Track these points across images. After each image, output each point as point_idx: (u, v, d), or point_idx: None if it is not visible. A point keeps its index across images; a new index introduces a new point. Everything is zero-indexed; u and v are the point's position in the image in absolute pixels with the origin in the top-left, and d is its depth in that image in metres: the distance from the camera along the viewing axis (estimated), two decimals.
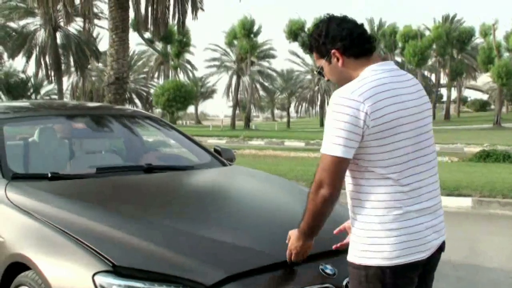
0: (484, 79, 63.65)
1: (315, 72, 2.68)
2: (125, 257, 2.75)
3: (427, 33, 55.80)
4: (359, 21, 2.47)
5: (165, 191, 3.98)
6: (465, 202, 9.35)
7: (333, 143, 2.24)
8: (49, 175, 3.69)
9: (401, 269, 2.32)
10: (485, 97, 79.01)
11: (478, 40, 57.94)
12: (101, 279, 2.64)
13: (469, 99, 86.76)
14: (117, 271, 2.65)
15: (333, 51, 2.40)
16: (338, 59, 2.41)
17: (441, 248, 2.50)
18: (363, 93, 2.25)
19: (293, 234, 2.64)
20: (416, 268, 2.38)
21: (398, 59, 58.13)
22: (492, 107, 67.81)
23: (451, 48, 57.27)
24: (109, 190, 3.78)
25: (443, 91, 73.20)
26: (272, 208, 3.74)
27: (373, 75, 2.33)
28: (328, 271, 2.94)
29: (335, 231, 2.83)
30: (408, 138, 2.33)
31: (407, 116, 2.32)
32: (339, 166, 2.26)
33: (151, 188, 3.92)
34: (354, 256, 2.39)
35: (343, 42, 2.37)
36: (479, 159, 15.21)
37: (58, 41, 41.04)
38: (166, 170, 4.29)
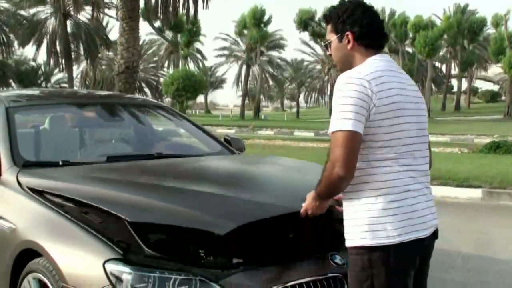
0: (495, 70, 63.34)
1: (322, 43, 2.71)
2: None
3: (438, 22, 55.43)
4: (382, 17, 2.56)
5: (176, 171, 4.02)
6: (475, 193, 9.32)
7: (343, 118, 2.27)
8: (60, 163, 3.70)
9: (405, 248, 2.35)
10: (496, 88, 78.60)
11: (489, 30, 57.61)
12: (111, 267, 2.65)
13: (479, 90, 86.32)
14: (127, 258, 2.67)
15: (348, 32, 2.47)
16: (349, 42, 2.48)
17: (435, 234, 2.54)
18: (369, 73, 2.34)
19: (309, 194, 2.64)
20: (418, 248, 2.42)
21: (409, 49, 57.89)
22: (503, 98, 67.45)
23: (462, 39, 56.90)
24: (120, 175, 3.79)
25: (454, 81, 72.85)
26: (286, 180, 3.86)
27: (375, 63, 2.43)
28: (337, 260, 2.97)
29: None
30: (411, 122, 2.42)
31: (408, 102, 2.43)
32: (352, 141, 2.27)
33: (162, 169, 3.98)
34: (355, 239, 2.40)
35: (361, 29, 2.45)
36: (489, 150, 15.15)
37: (69, 29, 41.07)
38: (176, 158, 4.30)
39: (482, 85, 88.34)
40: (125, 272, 2.62)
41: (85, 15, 40.23)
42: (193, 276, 2.65)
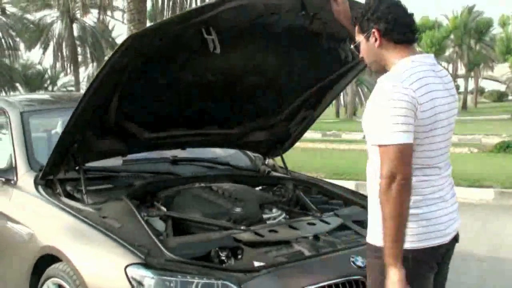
0: (502, 69, 63.00)
1: (351, 46, 2.62)
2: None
3: (444, 23, 55.26)
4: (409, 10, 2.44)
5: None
6: (487, 194, 9.26)
7: (394, 131, 2.18)
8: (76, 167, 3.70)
9: (423, 253, 2.33)
10: (502, 87, 78.18)
11: (495, 30, 57.38)
12: (133, 271, 2.65)
13: (486, 90, 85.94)
14: (149, 263, 2.66)
15: (373, 30, 2.38)
16: (376, 39, 2.38)
17: (456, 238, 2.51)
18: (413, 83, 2.24)
19: (387, 281, 2.25)
20: (437, 254, 2.40)
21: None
22: (510, 97, 67.04)
23: (469, 39, 56.67)
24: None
25: (460, 81, 72.52)
26: None
27: (417, 67, 2.31)
28: (359, 263, 2.94)
29: None
30: (444, 134, 2.36)
31: (444, 112, 2.34)
32: (405, 153, 2.20)
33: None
34: (375, 237, 2.36)
35: (385, 25, 2.35)
36: (499, 150, 15.04)
37: (75, 33, 41.11)
38: (192, 161, 4.29)
39: (488, 85, 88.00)
40: (147, 276, 2.61)
41: (91, 18, 40.26)
42: (215, 279, 2.63)
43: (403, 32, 2.37)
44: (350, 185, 9.29)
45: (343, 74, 3.87)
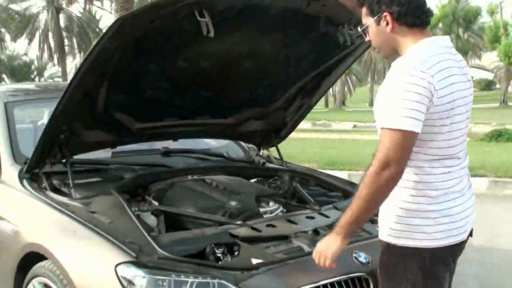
0: (489, 58, 63.13)
1: (358, 29, 2.44)
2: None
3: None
4: None
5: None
6: (481, 183, 9.15)
7: (403, 115, 2.02)
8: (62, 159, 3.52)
9: (441, 252, 2.20)
10: (490, 76, 78.47)
11: (484, 19, 57.41)
12: (123, 270, 2.49)
13: (474, 78, 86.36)
14: (140, 261, 2.50)
15: (385, 13, 2.19)
16: (387, 24, 2.21)
17: (470, 233, 2.39)
18: (431, 67, 2.08)
19: (323, 240, 2.31)
20: (454, 252, 2.29)
21: None
22: (498, 86, 67.21)
23: (457, 27, 56.67)
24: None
25: None
26: None
27: (434, 49, 2.17)
28: (361, 259, 2.81)
29: None
30: (461, 121, 2.21)
31: (462, 98, 2.20)
32: (408, 141, 2.05)
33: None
34: (388, 235, 2.25)
35: (398, 8, 2.17)
36: (491, 139, 14.98)
37: (62, 23, 40.72)
38: (184, 153, 4.13)
39: (476, 74, 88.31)
40: (139, 276, 2.46)
41: (77, 8, 39.89)
42: (211, 278, 2.48)
43: (417, 15, 2.20)
44: (343, 175, 9.16)
45: (342, 60, 3.73)
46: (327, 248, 2.24)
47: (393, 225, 2.21)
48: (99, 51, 2.71)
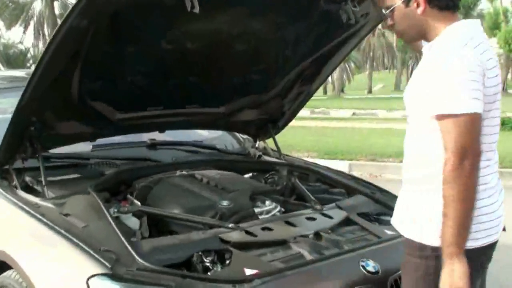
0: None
1: (383, 11, 2.15)
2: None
3: None
4: None
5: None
6: None
7: (467, 98, 1.85)
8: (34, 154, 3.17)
9: (476, 253, 2.02)
10: None
11: (482, 5, 57.06)
12: (97, 284, 2.14)
13: None
14: (116, 273, 2.16)
15: None
16: (418, 5, 2.03)
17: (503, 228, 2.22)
18: (477, 46, 1.94)
19: (442, 275, 1.94)
20: (488, 252, 2.14)
21: None
22: None
23: None
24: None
25: None
26: None
27: (472, 31, 2.01)
28: (370, 268, 2.47)
29: None
30: (497, 109, 2.03)
31: (499, 84, 2.04)
32: (477, 125, 1.89)
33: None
34: (418, 234, 2.04)
35: None
36: None
37: (56, 11, 40.18)
38: (172, 146, 3.78)
39: None
40: None
41: None
42: None
43: None
44: (343, 165, 8.87)
45: (344, 41, 3.38)
46: (452, 281, 1.91)
47: (428, 224, 2.01)
48: (67, 31, 2.35)
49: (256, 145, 4.05)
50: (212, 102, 3.53)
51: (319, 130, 15.16)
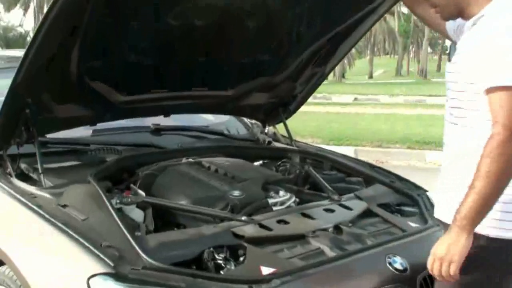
0: None
1: None
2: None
3: None
4: None
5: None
6: None
7: None
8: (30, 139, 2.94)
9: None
10: None
11: None
12: (98, 284, 1.93)
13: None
14: (120, 272, 1.94)
15: None
16: None
17: None
18: None
19: (440, 241, 1.88)
20: None
21: (404, 10, 56.75)
22: None
23: None
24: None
25: (448, 42, 72.14)
26: None
27: None
28: (397, 265, 2.26)
29: None
30: None
31: None
32: None
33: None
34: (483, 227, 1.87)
35: None
36: None
37: None
38: (177, 131, 3.55)
39: None
40: None
41: None
42: None
43: None
44: (349, 151, 8.66)
45: (362, 19, 3.15)
46: (448, 250, 1.83)
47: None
48: (63, 3, 2.11)
49: (266, 131, 3.83)
50: (220, 84, 3.30)
51: (322, 115, 14.91)
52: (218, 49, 2.96)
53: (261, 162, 3.34)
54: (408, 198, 2.98)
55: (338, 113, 15.77)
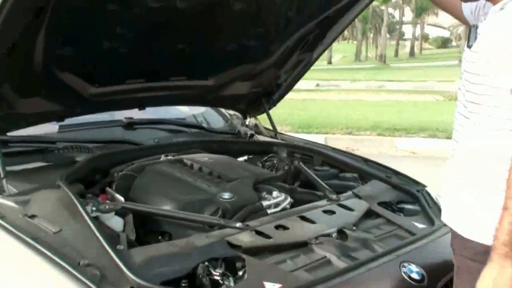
0: (446, 15, 63.35)
1: None
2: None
3: None
4: None
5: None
6: None
7: None
8: None
9: None
10: (446, 34, 78.91)
11: None
12: None
13: (430, 36, 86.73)
14: None
15: None
16: None
17: None
18: None
19: (483, 274, 1.63)
20: None
21: None
22: (454, 43, 67.64)
23: None
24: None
25: (405, 28, 72.81)
26: None
27: None
28: (414, 275, 2.02)
29: None
30: None
31: None
32: None
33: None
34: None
35: None
36: None
37: None
38: (153, 125, 3.26)
39: (432, 32, 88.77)
40: None
41: None
42: None
43: None
44: (319, 139, 8.43)
45: (353, 2, 2.90)
46: (496, 285, 1.60)
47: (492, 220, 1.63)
48: None
49: (247, 122, 3.56)
50: (200, 73, 3.01)
51: (287, 102, 14.56)
52: (202, 35, 2.67)
53: (245, 157, 3.06)
54: (407, 195, 2.75)
55: (304, 100, 15.57)
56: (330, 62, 49.43)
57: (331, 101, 15.06)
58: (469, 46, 1.83)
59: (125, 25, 2.42)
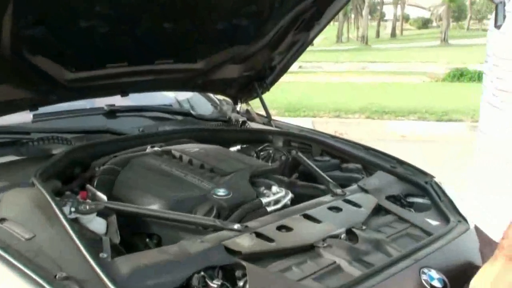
0: None
1: None
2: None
3: None
4: None
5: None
6: (458, 128, 8.38)
7: None
8: None
9: None
10: (426, 14, 79.12)
11: None
12: None
13: (411, 16, 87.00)
14: None
15: None
16: None
17: None
18: None
19: (482, 272, 1.53)
20: None
21: None
22: (434, 24, 67.79)
23: None
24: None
25: (387, 8, 72.85)
26: None
27: None
28: (435, 282, 1.80)
29: None
30: None
31: None
32: None
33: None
34: None
35: None
36: (453, 79, 14.44)
37: None
38: (137, 112, 3.01)
39: (413, 12, 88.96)
40: None
41: None
42: None
43: None
44: (307, 122, 8.25)
45: None
46: (494, 285, 1.50)
47: None
48: None
49: (237, 108, 3.31)
50: (188, 55, 2.77)
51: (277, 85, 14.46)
52: (190, 13, 2.42)
53: (238, 147, 2.82)
54: (415, 187, 2.53)
55: (289, 82, 15.33)
56: (311, 44, 49.29)
57: (316, 83, 14.83)
58: (497, 27, 1.59)
59: (105, 2, 2.15)
